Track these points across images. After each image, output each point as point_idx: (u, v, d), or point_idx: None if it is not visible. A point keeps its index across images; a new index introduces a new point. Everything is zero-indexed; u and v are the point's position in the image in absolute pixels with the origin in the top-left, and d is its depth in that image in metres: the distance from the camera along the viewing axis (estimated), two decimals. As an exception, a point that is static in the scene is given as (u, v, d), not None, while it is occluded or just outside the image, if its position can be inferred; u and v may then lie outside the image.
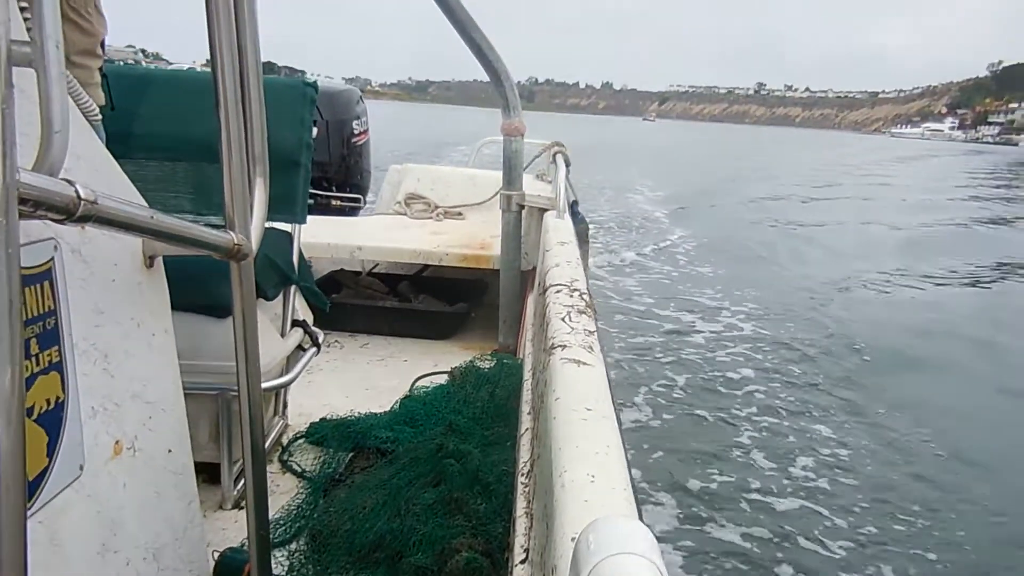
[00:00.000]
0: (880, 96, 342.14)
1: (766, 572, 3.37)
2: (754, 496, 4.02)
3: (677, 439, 4.67)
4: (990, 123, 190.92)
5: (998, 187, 28.79)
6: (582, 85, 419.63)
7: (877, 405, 5.37)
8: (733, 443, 4.67)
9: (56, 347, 0.78)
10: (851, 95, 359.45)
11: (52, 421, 0.78)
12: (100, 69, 1.44)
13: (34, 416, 0.75)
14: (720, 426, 4.95)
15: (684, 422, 4.97)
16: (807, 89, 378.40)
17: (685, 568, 3.35)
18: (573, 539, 0.58)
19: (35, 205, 0.59)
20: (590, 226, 3.58)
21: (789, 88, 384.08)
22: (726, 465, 4.33)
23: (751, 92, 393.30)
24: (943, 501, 4.05)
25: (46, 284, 0.77)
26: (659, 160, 33.67)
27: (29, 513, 0.73)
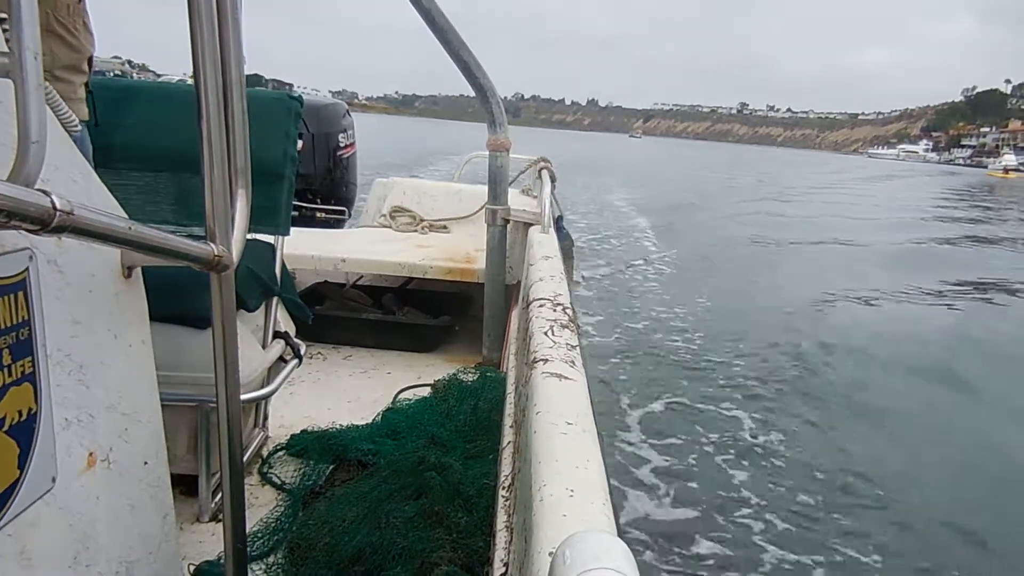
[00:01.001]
0: (860, 118, 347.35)
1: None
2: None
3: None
4: (963, 146, 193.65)
5: (971, 206, 29.44)
6: (568, 102, 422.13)
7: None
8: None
9: (29, 358, 0.77)
10: (832, 116, 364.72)
11: (24, 432, 0.77)
12: (86, 85, 1.44)
13: (5, 427, 0.74)
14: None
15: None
16: (789, 109, 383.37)
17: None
18: (550, 553, 0.58)
19: (9, 215, 0.58)
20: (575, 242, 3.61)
21: (771, 108, 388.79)
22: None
23: (734, 111, 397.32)
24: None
25: (20, 294, 0.76)
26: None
27: (-2, 526, 0.72)
